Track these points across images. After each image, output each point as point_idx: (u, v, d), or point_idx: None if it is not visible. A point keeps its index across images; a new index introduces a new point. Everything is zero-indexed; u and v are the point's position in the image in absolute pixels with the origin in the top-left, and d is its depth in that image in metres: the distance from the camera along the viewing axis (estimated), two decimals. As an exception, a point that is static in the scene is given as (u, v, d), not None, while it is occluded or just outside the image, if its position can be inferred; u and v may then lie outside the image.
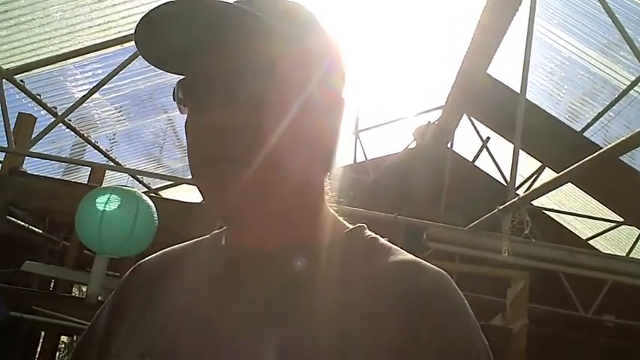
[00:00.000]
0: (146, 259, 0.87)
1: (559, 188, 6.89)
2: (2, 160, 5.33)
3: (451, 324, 0.68)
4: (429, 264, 0.73)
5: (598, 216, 7.41)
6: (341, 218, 0.81)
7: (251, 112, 0.68)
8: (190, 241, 0.87)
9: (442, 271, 0.73)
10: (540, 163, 7.22)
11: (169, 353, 0.69)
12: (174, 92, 0.75)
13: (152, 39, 0.71)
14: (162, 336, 0.71)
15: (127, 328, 0.76)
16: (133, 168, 7.39)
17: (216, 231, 0.84)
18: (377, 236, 0.79)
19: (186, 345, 0.68)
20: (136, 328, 0.75)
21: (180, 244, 0.88)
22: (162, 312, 0.74)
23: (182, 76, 0.75)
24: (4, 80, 5.00)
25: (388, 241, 0.79)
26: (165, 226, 3.57)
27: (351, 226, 0.80)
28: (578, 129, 6.42)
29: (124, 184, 5.89)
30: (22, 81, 5.28)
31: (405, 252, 0.76)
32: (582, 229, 8.34)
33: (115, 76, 5.05)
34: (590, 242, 8.22)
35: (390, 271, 0.71)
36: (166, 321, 0.72)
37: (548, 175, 6.75)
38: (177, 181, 7.74)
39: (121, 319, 0.79)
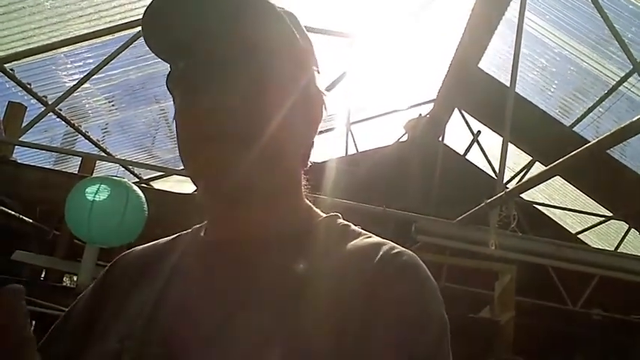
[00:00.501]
0: (129, 251, 0.89)
1: (549, 183, 6.95)
2: (-8, 149, 5.29)
3: (414, 299, 0.68)
4: (399, 246, 0.74)
5: (588, 210, 7.46)
6: (315, 208, 0.83)
7: (249, 97, 0.71)
8: (172, 236, 0.89)
9: (409, 251, 0.73)
10: (531, 158, 7.25)
11: (149, 340, 0.70)
12: (168, 75, 0.78)
13: (158, 26, 0.74)
14: (141, 324, 0.72)
15: (108, 315, 0.77)
16: (124, 158, 7.37)
17: (197, 225, 0.86)
18: (349, 223, 0.81)
19: (165, 333, 0.70)
20: (117, 316, 0.76)
21: (163, 239, 0.89)
22: (143, 301, 0.75)
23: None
24: (-6, 69, 4.99)
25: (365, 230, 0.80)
26: (156, 216, 3.57)
27: (324, 215, 0.82)
28: (569, 124, 6.46)
29: (115, 175, 5.88)
30: (12, 70, 5.26)
31: (375, 236, 0.77)
32: (572, 223, 8.40)
33: (106, 66, 5.04)
34: (580, 236, 8.29)
35: (358, 250, 0.73)
36: (146, 310, 0.73)
37: (538, 169, 6.79)
38: (168, 172, 7.73)
39: (102, 307, 0.80)
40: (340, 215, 0.82)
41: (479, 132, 7.43)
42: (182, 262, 0.79)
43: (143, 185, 6.08)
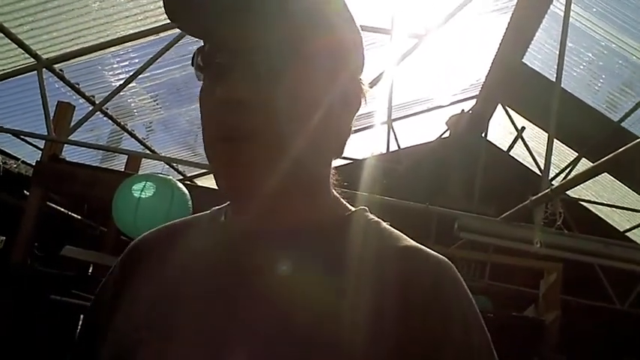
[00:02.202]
0: (146, 233, 0.87)
1: (597, 179, 6.79)
2: (42, 147, 5.44)
3: (453, 315, 0.67)
4: (432, 251, 0.72)
5: (636, 208, 7.27)
6: (344, 201, 0.80)
7: (269, 89, 0.67)
8: (190, 217, 0.87)
9: (445, 258, 0.71)
10: (577, 154, 7.10)
11: (166, 327, 0.69)
12: (193, 58, 0.73)
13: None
14: (158, 310, 0.71)
15: (126, 302, 0.76)
16: (168, 156, 7.50)
17: (216, 207, 0.84)
18: (380, 220, 0.78)
19: (182, 320, 0.68)
20: (134, 302, 0.75)
21: (181, 219, 0.87)
22: (159, 286, 0.74)
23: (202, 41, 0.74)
24: (44, 69, 5.12)
25: (393, 228, 0.78)
26: (199, 212, 3.62)
27: (353, 209, 0.79)
28: (617, 119, 6.30)
29: (160, 172, 5.99)
30: (61, 70, 5.40)
31: (407, 237, 0.75)
32: (620, 220, 8.21)
33: (151, 65, 5.12)
34: (628, 234, 8.09)
35: (391, 257, 0.70)
36: (163, 295, 0.72)
37: (584, 165, 6.64)
38: (211, 170, 7.83)
39: (121, 292, 0.78)
40: (367, 209, 0.79)
41: (523, 128, 7.31)
42: (203, 248, 0.77)
43: (187, 182, 6.16)
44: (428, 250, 0.72)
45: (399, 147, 7.76)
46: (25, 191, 5.22)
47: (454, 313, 0.67)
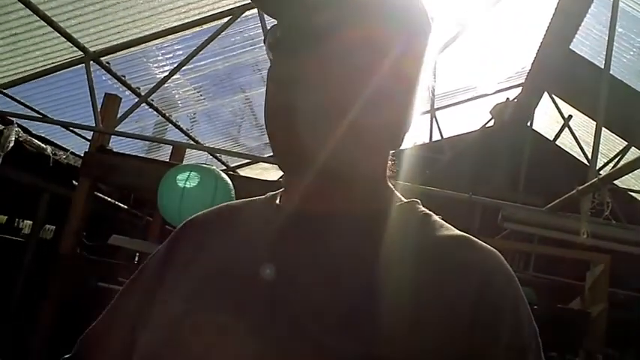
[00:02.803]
0: (199, 213, 0.88)
1: (646, 169, 6.60)
2: (90, 139, 5.56)
3: (503, 308, 0.67)
4: (481, 242, 0.72)
5: (689, 198, 7.05)
6: (397, 192, 0.80)
7: (338, 73, 0.68)
8: (244, 200, 0.88)
9: (495, 250, 0.71)
10: (626, 143, 6.91)
11: (213, 301, 0.70)
12: (265, 37, 0.75)
13: None
14: (207, 284, 0.72)
15: (174, 277, 0.78)
16: (212, 146, 7.59)
17: (271, 193, 0.85)
18: (430, 212, 0.78)
19: (228, 295, 0.70)
20: (182, 277, 0.76)
21: (235, 201, 0.89)
22: (209, 261, 0.76)
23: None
24: (91, 62, 5.24)
25: (444, 220, 0.77)
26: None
27: (405, 200, 0.79)
28: (668, 107, 6.10)
29: (204, 162, 6.07)
30: (107, 63, 5.51)
31: (456, 229, 0.75)
32: (671, 211, 7.96)
33: (195, 57, 5.18)
34: (680, 226, 7.84)
35: (444, 248, 0.71)
36: (213, 270, 0.74)
37: (634, 155, 6.46)
38: (254, 160, 7.91)
39: (169, 268, 0.80)
40: (419, 202, 0.79)
41: (570, 116, 7.15)
42: (256, 229, 0.78)
43: (230, 172, 6.23)
44: (479, 241, 0.72)
45: (442, 136, 7.69)
46: (74, 182, 5.35)
47: (505, 306, 0.67)
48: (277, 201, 0.81)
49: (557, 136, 8.28)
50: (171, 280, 0.77)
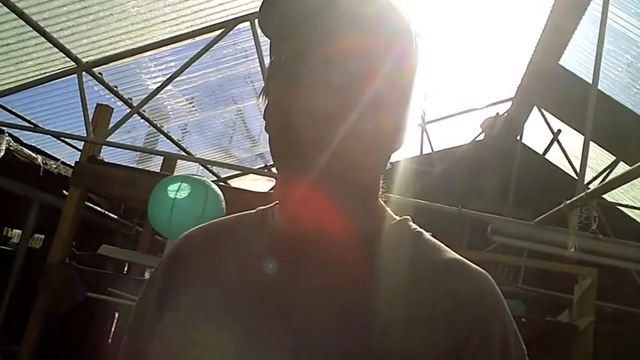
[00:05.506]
0: (189, 232, 0.89)
1: (634, 183, 6.65)
2: (81, 148, 5.55)
3: (493, 331, 0.70)
4: (472, 265, 0.75)
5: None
6: (389, 209, 0.82)
7: (343, 100, 0.69)
8: (234, 215, 0.89)
9: (485, 273, 0.74)
10: (614, 157, 6.97)
11: (214, 328, 0.71)
12: (270, 63, 0.76)
13: (275, 9, 0.74)
14: (207, 311, 0.74)
15: (173, 303, 0.78)
16: (203, 157, 7.60)
17: (262, 207, 0.86)
18: (422, 231, 0.80)
19: (230, 322, 0.71)
20: (182, 303, 0.77)
21: (224, 218, 0.90)
22: (207, 289, 0.77)
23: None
24: (83, 73, 5.24)
25: (432, 235, 0.80)
26: (233, 213, 3.67)
27: (398, 218, 0.81)
28: (656, 122, 6.17)
29: (195, 173, 6.07)
30: (100, 73, 5.52)
31: (448, 249, 0.77)
32: (659, 226, 8.01)
33: (187, 69, 5.19)
34: (668, 240, 7.89)
35: (434, 270, 0.73)
36: (212, 298, 0.75)
37: (622, 169, 6.52)
38: (245, 171, 7.92)
39: (167, 294, 0.81)
40: (410, 218, 0.81)
41: (559, 131, 7.21)
42: (253, 249, 0.79)
43: (221, 183, 6.23)
44: (470, 263, 0.75)
45: (432, 149, 7.73)
46: (65, 191, 5.33)
47: (494, 328, 0.71)
48: (270, 217, 0.82)
49: (547, 150, 8.34)
50: (171, 308, 0.78)
